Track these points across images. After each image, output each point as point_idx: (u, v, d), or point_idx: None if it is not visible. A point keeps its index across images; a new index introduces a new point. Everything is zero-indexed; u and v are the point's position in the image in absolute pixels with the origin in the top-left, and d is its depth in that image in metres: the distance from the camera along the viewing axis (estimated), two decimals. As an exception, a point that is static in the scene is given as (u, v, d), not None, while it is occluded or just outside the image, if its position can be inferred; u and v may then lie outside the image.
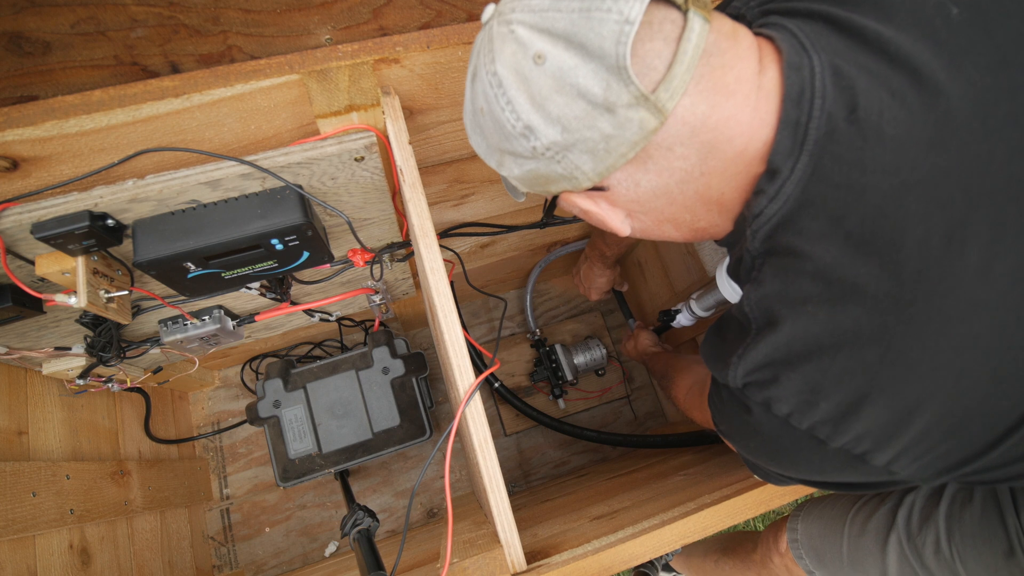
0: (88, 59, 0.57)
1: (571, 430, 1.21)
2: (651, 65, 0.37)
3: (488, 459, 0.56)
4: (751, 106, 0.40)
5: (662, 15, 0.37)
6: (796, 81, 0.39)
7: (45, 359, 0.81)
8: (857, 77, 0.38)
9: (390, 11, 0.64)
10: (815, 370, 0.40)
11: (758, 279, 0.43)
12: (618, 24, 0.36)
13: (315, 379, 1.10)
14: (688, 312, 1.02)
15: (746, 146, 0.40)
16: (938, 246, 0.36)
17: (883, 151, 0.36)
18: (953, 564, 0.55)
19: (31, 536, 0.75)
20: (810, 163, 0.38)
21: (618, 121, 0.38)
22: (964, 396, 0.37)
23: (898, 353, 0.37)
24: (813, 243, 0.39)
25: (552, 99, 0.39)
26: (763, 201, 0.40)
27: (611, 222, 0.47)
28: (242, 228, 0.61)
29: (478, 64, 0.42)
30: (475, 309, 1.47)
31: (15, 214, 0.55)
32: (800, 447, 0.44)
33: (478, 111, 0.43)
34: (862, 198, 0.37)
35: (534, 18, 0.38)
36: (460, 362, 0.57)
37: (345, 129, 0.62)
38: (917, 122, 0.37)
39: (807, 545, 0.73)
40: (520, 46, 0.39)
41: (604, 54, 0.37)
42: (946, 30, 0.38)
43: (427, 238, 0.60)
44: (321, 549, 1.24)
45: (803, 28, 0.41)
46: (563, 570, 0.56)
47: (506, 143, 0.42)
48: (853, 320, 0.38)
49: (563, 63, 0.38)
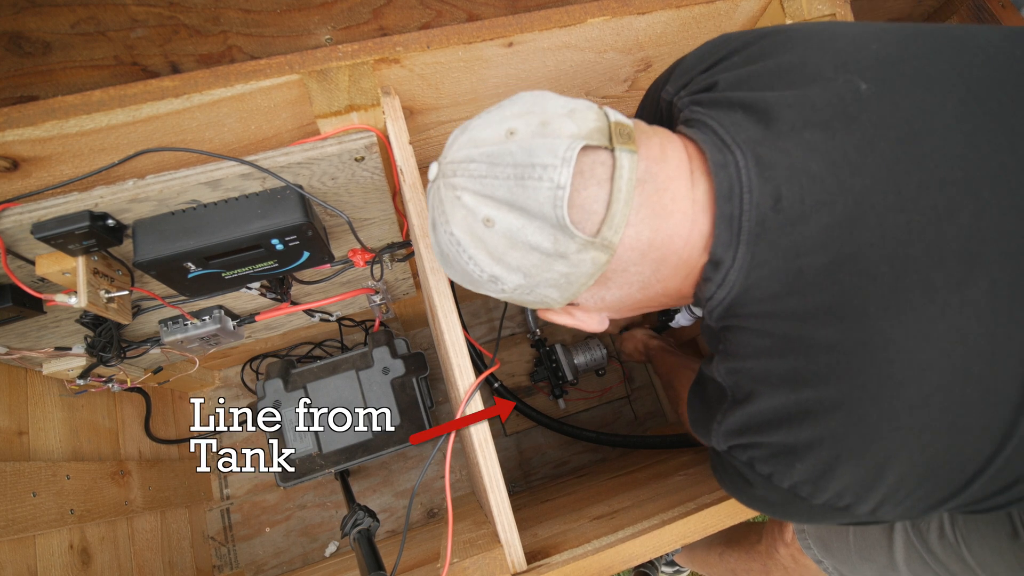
0: (88, 59, 0.57)
1: (571, 430, 1.21)
2: (591, 210, 0.40)
3: (488, 459, 0.56)
4: (689, 220, 0.43)
5: (591, 160, 0.40)
6: (724, 179, 0.41)
7: (45, 359, 0.81)
8: (778, 165, 0.40)
9: (390, 11, 0.64)
10: (787, 436, 0.42)
11: (723, 352, 0.46)
12: (551, 190, 0.39)
13: (315, 379, 1.10)
14: (687, 312, 1.02)
15: (690, 253, 0.44)
16: (876, 316, 0.38)
17: (811, 234, 0.39)
18: (958, 548, 0.55)
19: (31, 536, 0.75)
20: (747, 251, 0.41)
21: (572, 263, 0.42)
22: (928, 448, 0.39)
23: (859, 417, 0.39)
24: (763, 321, 0.42)
25: (509, 254, 0.42)
26: (711, 287, 0.43)
27: (588, 326, 0.52)
28: (242, 228, 0.61)
29: (436, 219, 0.45)
30: (475, 309, 1.47)
31: (15, 214, 0.55)
32: (788, 502, 0.46)
33: (446, 255, 0.46)
34: (800, 278, 0.39)
35: (475, 185, 0.41)
36: (460, 362, 0.57)
37: (345, 129, 0.62)
38: (838, 203, 0.39)
39: (814, 534, 0.73)
40: (468, 212, 0.42)
41: (545, 216, 0.40)
42: (856, 106, 0.41)
43: (427, 238, 0.60)
44: (321, 549, 1.24)
45: (723, 122, 0.43)
46: (563, 570, 0.56)
47: (477, 285, 0.47)
48: (812, 390, 0.40)
49: (511, 225, 0.41)
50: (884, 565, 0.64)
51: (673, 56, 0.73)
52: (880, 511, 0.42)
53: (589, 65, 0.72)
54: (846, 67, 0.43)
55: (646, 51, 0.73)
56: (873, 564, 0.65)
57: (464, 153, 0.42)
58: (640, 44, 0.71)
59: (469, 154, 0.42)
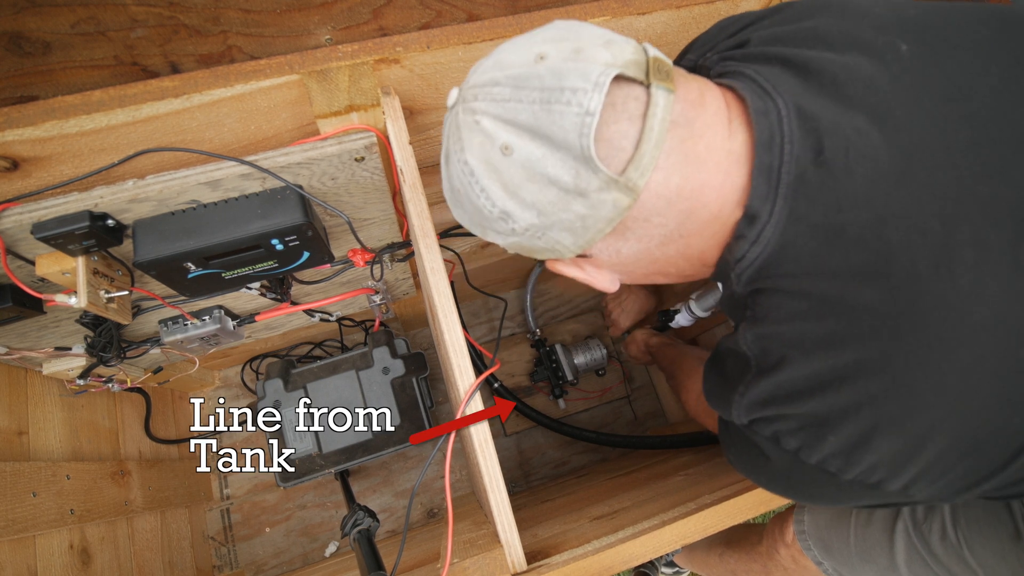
0: (88, 59, 0.57)
1: (571, 431, 1.21)
2: (619, 146, 0.37)
3: (488, 459, 0.56)
4: (723, 171, 0.40)
5: (625, 93, 0.37)
6: (765, 126, 0.39)
7: (45, 359, 0.81)
8: (820, 117, 0.38)
9: (390, 11, 0.64)
10: (820, 405, 0.40)
11: (752, 318, 0.44)
12: (579, 116, 0.36)
13: (315, 379, 1.10)
14: (687, 312, 1.02)
15: (721, 207, 0.41)
16: (927, 274, 0.36)
17: (855, 189, 0.37)
18: (960, 550, 0.55)
19: (31, 536, 0.75)
20: (785, 206, 0.38)
21: (591, 203, 0.39)
22: (975, 418, 0.37)
23: (903, 383, 0.37)
24: (800, 281, 0.39)
25: (525, 187, 0.39)
26: (744, 245, 0.41)
27: (598, 284, 0.49)
28: (242, 228, 0.61)
29: (450, 149, 0.42)
30: (475, 309, 1.47)
31: (15, 214, 0.55)
32: (814, 480, 0.44)
33: (456, 191, 0.44)
34: (842, 235, 0.37)
35: (497, 109, 0.38)
36: (460, 362, 0.57)
37: (345, 129, 0.62)
38: (883, 157, 0.37)
39: (814, 535, 0.73)
40: (487, 137, 0.39)
41: (569, 145, 0.37)
42: (898, 65, 0.39)
43: (427, 238, 0.60)
44: (321, 549, 1.24)
45: (762, 72, 0.41)
46: (563, 570, 0.56)
47: (486, 223, 0.43)
48: (852, 354, 0.38)
49: (530, 154, 0.38)
50: (885, 566, 0.64)
51: (673, 56, 0.73)
52: (912, 488, 0.40)
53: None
54: (886, 29, 0.41)
55: (646, 51, 0.73)
56: (874, 565, 0.65)
57: (488, 76, 0.39)
58: (640, 44, 0.71)
59: (494, 77, 0.39)
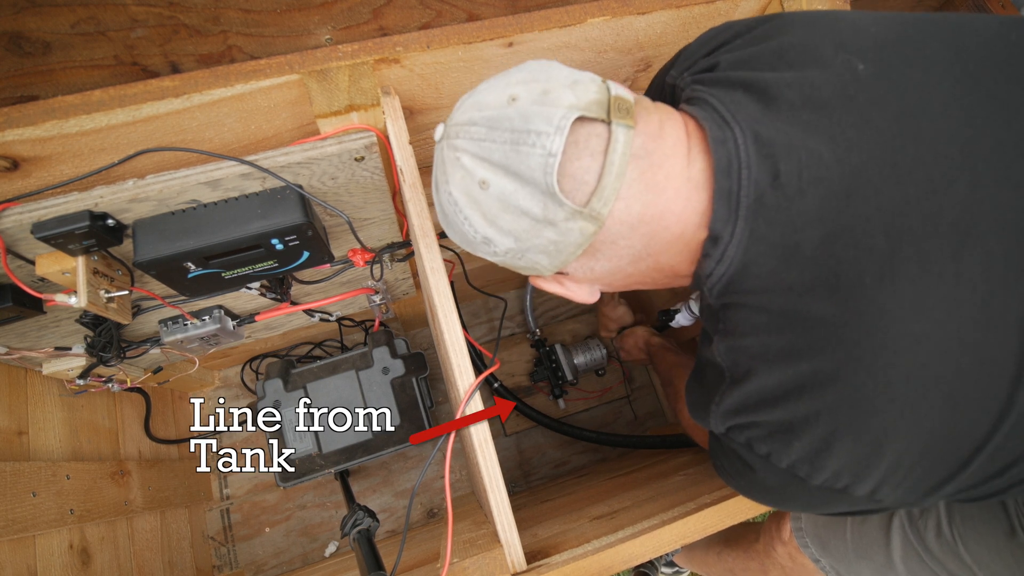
0: (88, 59, 0.57)
1: (571, 430, 1.20)
2: (583, 180, 0.41)
3: (488, 459, 0.56)
4: (683, 197, 0.43)
5: (587, 131, 0.41)
6: (723, 154, 0.42)
7: (45, 359, 0.81)
8: (776, 143, 0.41)
9: (390, 11, 0.64)
10: (785, 413, 0.43)
11: (723, 331, 0.47)
12: (543, 157, 0.40)
13: (315, 379, 1.10)
14: (687, 312, 1.02)
15: (683, 229, 0.44)
16: (872, 286, 0.38)
17: (808, 208, 0.40)
18: (955, 546, 0.55)
19: (31, 536, 0.75)
20: (746, 227, 0.41)
21: (560, 231, 0.43)
22: (925, 422, 0.39)
23: (854, 390, 0.40)
24: (761, 297, 0.42)
25: (501, 217, 0.43)
26: (711, 263, 0.43)
27: (578, 297, 0.53)
28: (242, 228, 0.61)
29: (438, 179, 0.47)
30: (475, 309, 1.47)
31: (15, 214, 0.55)
32: (787, 486, 0.46)
33: (445, 215, 0.48)
34: (797, 253, 0.40)
35: (475, 147, 0.43)
36: (460, 362, 0.57)
37: (345, 129, 0.62)
38: (834, 177, 0.39)
39: (811, 533, 0.73)
40: (467, 173, 0.43)
41: (536, 182, 0.41)
42: (854, 86, 0.42)
43: (427, 238, 0.60)
44: (321, 549, 1.24)
45: (723, 100, 0.44)
46: (563, 570, 0.56)
47: (472, 246, 0.48)
48: (809, 364, 0.41)
49: (504, 188, 0.42)
50: (881, 564, 0.64)
51: (664, 60, 0.73)
52: (879, 493, 0.42)
53: (589, 65, 0.72)
54: (845, 48, 0.43)
55: (646, 51, 0.73)
56: (870, 563, 0.65)
57: (468, 116, 0.44)
58: (640, 44, 0.71)
59: (472, 117, 0.43)
